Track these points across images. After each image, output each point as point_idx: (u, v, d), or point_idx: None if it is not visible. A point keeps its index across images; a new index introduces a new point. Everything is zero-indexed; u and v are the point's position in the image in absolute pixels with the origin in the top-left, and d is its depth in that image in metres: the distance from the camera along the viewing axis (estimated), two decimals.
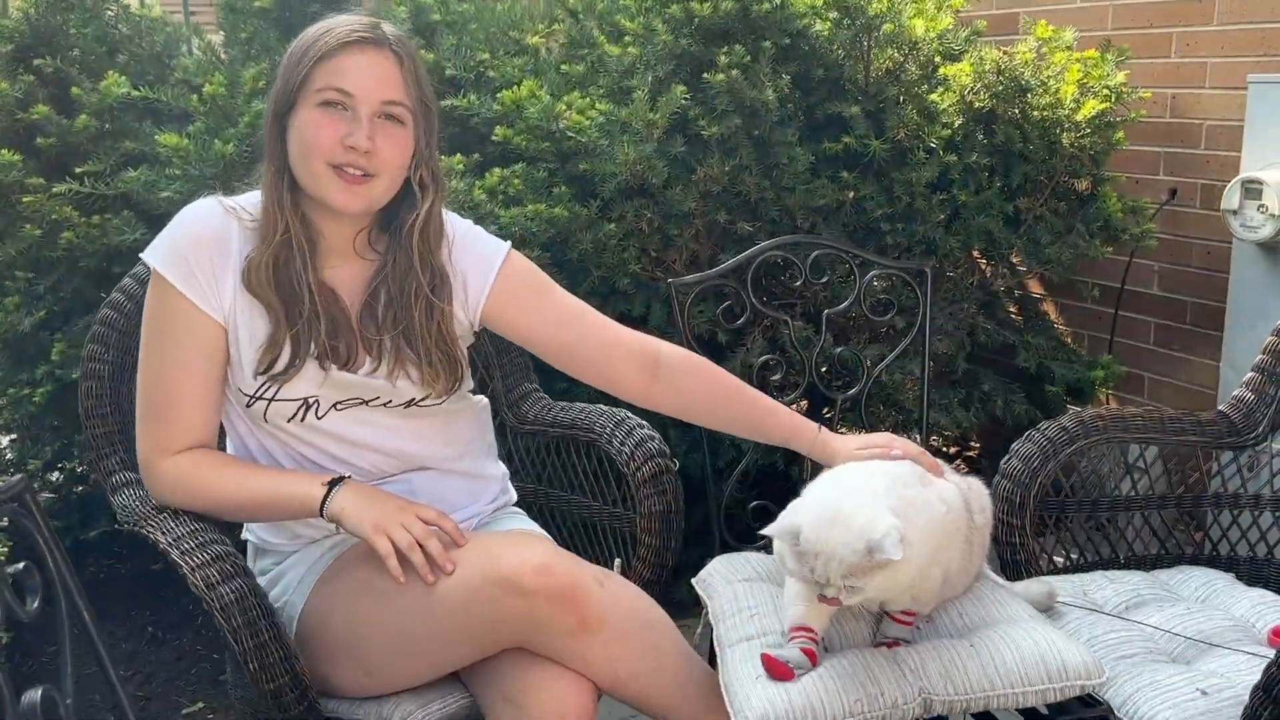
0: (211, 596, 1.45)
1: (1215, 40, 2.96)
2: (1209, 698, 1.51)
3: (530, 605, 1.44)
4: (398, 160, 1.51)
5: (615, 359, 1.66)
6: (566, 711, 1.45)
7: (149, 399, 1.56)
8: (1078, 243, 2.85)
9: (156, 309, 1.54)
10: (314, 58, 1.46)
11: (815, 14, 2.64)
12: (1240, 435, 2.00)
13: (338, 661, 1.54)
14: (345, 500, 1.52)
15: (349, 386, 1.58)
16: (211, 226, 1.54)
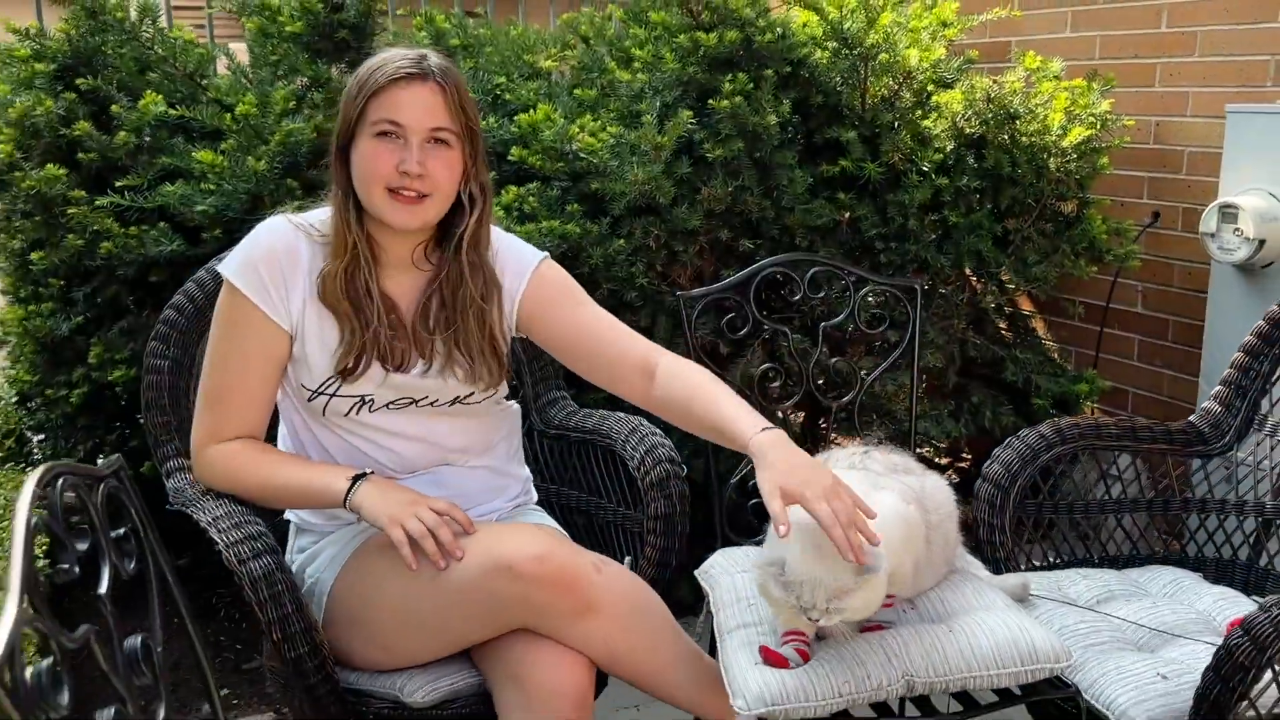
0: (242, 570, 1.58)
1: (1197, 71, 3.11)
2: (1168, 681, 1.64)
3: (527, 590, 1.58)
4: (448, 179, 1.65)
5: (622, 365, 1.77)
6: (565, 687, 1.58)
7: (210, 392, 1.71)
8: (1063, 262, 2.99)
9: (227, 314, 1.69)
10: (368, 94, 1.62)
11: (815, 44, 2.78)
12: (1208, 444, 2.14)
13: (358, 637, 1.68)
14: (366, 493, 1.66)
15: (403, 387, 1.72)
16: (283, 243, 1.69)
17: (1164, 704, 1.61)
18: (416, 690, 1.66)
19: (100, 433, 2.94)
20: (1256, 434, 2.11)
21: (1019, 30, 3.53)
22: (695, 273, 2.68)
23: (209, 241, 2.59)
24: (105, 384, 2.76)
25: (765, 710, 1.52)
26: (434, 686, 1.67)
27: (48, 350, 2.86)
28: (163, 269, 2.65)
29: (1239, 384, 2.14)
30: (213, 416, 1.71)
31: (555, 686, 1.59)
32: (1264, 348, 2.11)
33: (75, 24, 2.85)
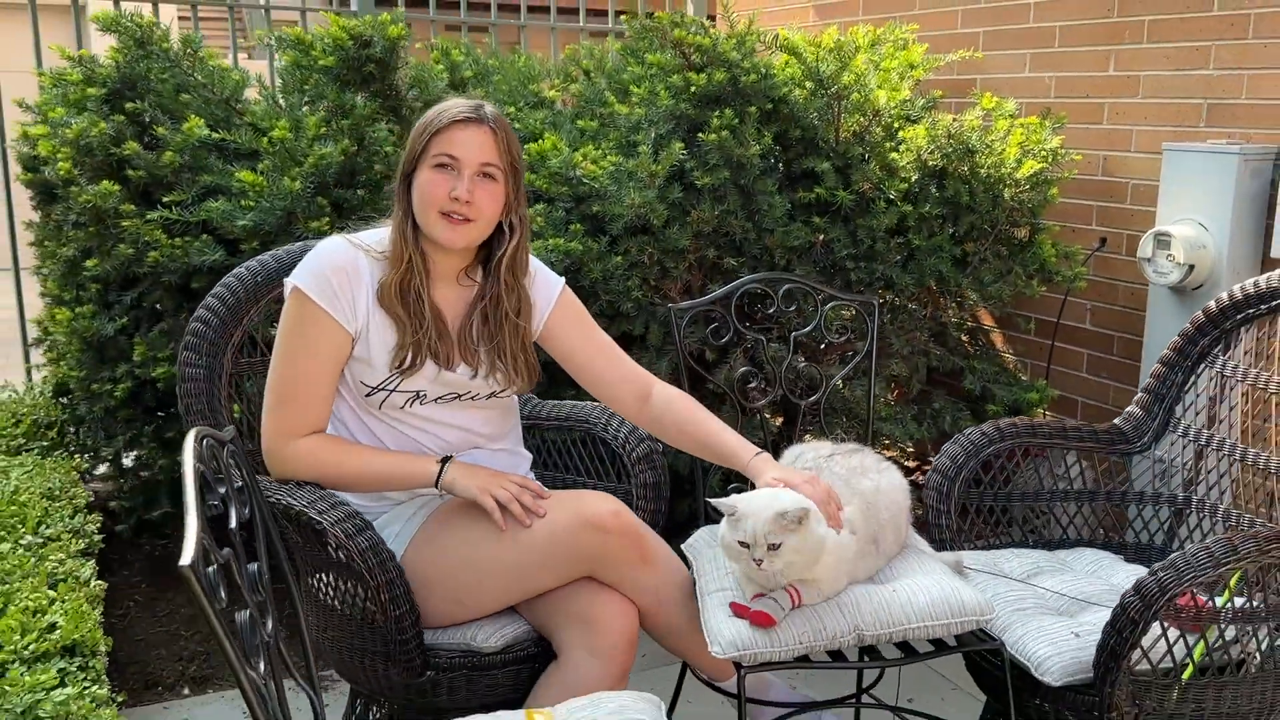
0: (351, 545, 1.83)
1: (1139, 111, 3.43)
2: (1081, 639, 1.94)
3: (605, 539, 1.90)
4: (491, 208, 1.94)
5: (622, 387, 2.11)
6: (624, 626, 1.91)
7: (280, 392, 1.97)
8: (1016, 282, 3.31)
9: (296, 321, 1.95)
10: (432, 131, 1.91)
11: (794, 84, 3.10)
12: (1130, 443, 2.45)
13: (433, 595, 1.95)
14: (455, 473, 1.97)
15: (450, 383, 2.01)
16: (347, 258, 1.97)
17: (1075, 657, 1.91)
18: (489, 638, 1.95)
19: (138, 425, 3.22)
20: (1171, 435, 2.42)
21: (982, 70, 3.85)
22: (684, 287, 2.98)
23: (247, 253, 2.87)
24: (147, 380, 3.05)
25: (736, 654, 1.82)
26: (501, 633, 1.96)
27: (93, 349, 3.13)
28: (203, 276, 2.93)
29: (1157, 391, 2.45)
30: (285, 414, 1.96)
31: (616, 625, 1.91)
32: (1178, 360, 2.42)
33: (124, 52, 3.14)
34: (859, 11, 4.40)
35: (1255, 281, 2.30)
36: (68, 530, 2.51)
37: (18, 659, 1.96)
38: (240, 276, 2.29)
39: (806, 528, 1.81)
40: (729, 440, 2.05)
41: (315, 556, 2.04)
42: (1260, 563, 1.79)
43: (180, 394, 2.18)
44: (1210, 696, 1.87)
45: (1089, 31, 3.54)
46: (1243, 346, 2.33)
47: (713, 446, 2.06)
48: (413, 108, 3.12)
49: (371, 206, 2.97)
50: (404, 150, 1.96)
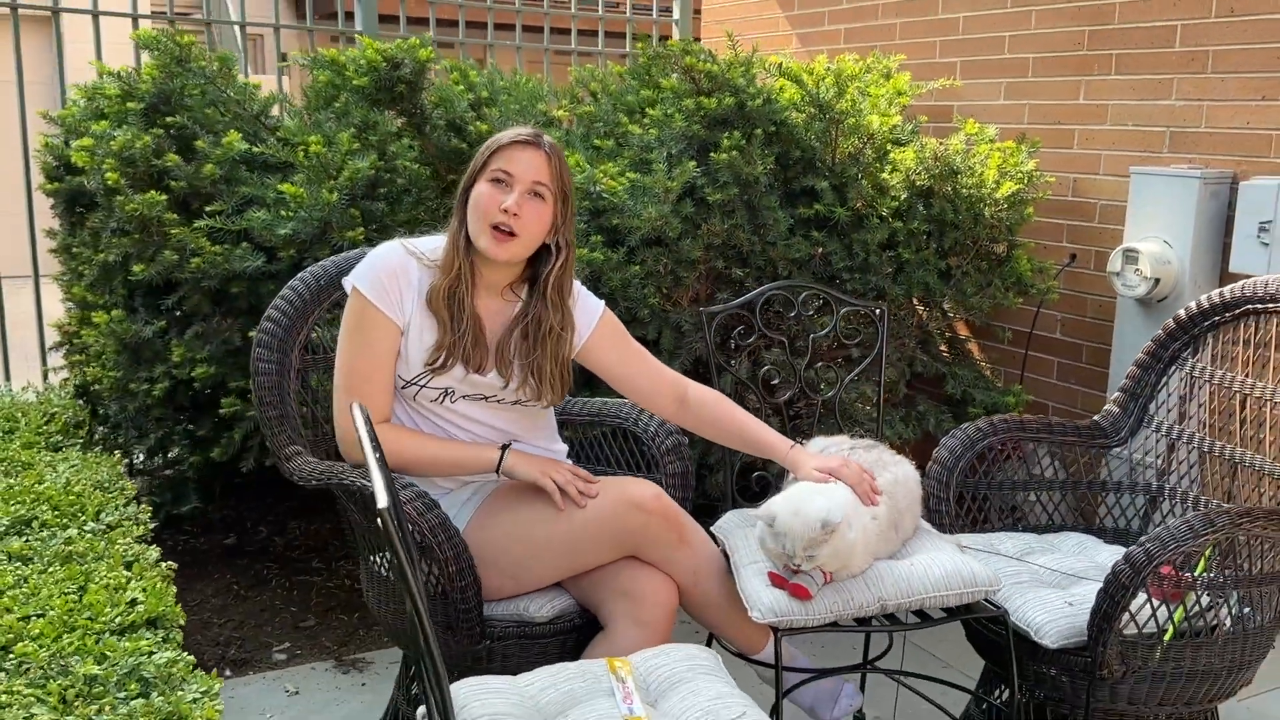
0: (422, 521, 2.01)
1: (1107, 137, 3.72)
2: (1074, 608, 2.18)
3: (648, 520, 2.11)
4: (537, 226, 2.12)
5: (659, 393, 2.31)
6: (665, 599, 2.11)
7: (347, 383, 2.15)
8: (995, 294, 3.58)
9: (357, 318, 2.15)
10: (492, 149, 2.12)
11: (795, 108, 3.34)
12: (1108, 438, 2.70)
13: (490, 570, 2.14)
14: (514, 460, 2.18)
15: (478, 385, 2.20)
16: (400, 261, 2.16)
17: (1069, 623, 2.15)
18: (540, 609, 2.15)
19: (169, 424, 3.38)
20: (1146, 430, 2.68)
21: (960, 97, 4.13)
22: (695, 295, 3.21)
23: (284, 260, 3.06)
24: (183, 380, 3.21)
25: (775, 620, 2.04)
26: (552, 604, 2.16)
27: (129, 350, 3.28)
28: (242, 281, 3.11)
29: (1133, 391, 2.71)
30: (353, 401, 2.15)
31: (659, 598, 2.12)
32: (1152, 363, 2.69)
33: (163, 68, 3.31)
34: (841, 40, 4.67)
35: (1220, 292, 2.56)
36: (126, 518, 2.66)
37: (108, 630, 2.12)
38: (305, 280, 2.47)
39: (839, 535, 2.03)
40: (767, 436, 2.28)
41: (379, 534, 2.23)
42: (1232, 535, 2.04)
43: (254, 387, 2.37)
44: (1188, 656, 2.12)
45: (1060, 63, 3.82)
46: (1209, 350, 2.59)
47: (752, 442, 2.28)
48: (436, 125, 3.31)
49: (391, 218, 3.16)
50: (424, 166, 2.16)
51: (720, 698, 1.64)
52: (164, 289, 3.23)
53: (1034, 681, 2.23)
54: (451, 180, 3.31)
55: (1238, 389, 2.51)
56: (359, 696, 2.80)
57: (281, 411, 2.38)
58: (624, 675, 1.70)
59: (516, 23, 5.18)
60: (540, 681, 1.70)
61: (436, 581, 2.07)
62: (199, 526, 3.77)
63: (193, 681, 2.01)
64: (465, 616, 2.07)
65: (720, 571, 2.22)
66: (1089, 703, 2.14)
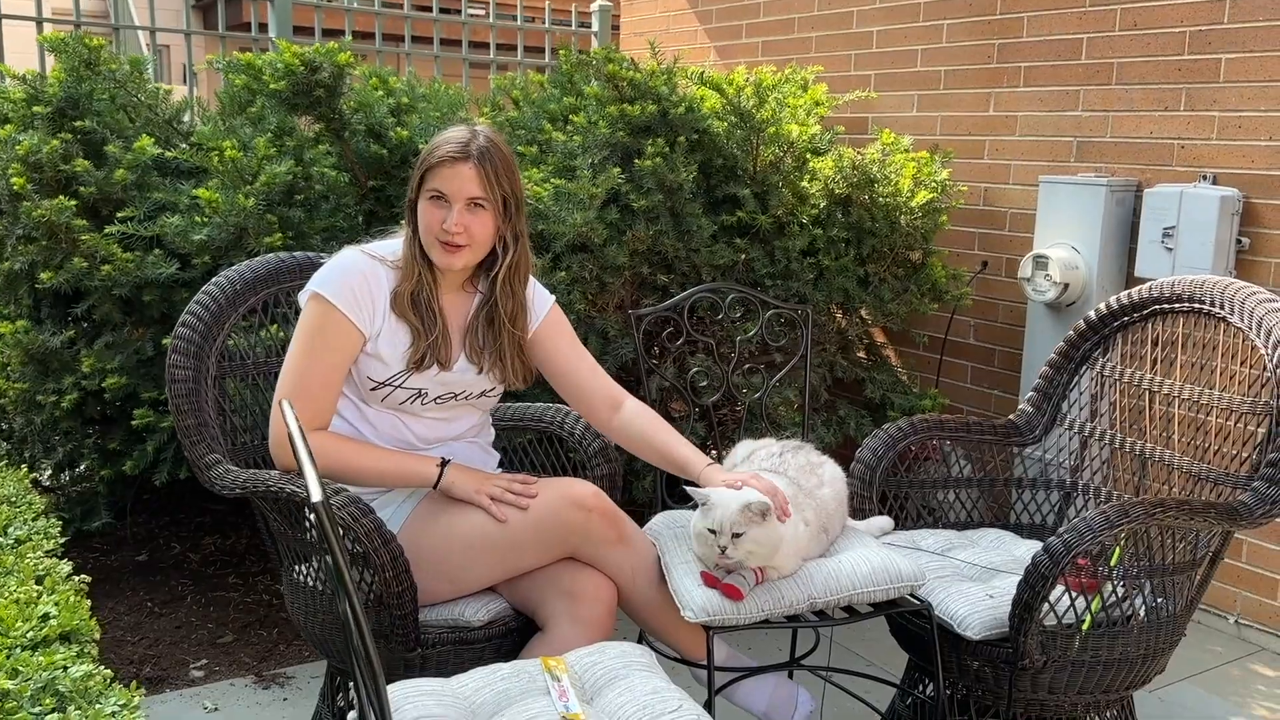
0: (358, 526, 1.97)
1: (1017, 147, 3.83)
2: (994, 599, 2.23)
3: (588, 519, 2.11)
4: (482, 234, 2.13)
5: (598, 395, 2.32)
6: (605, 598, 2.12)
7: (295, 387, 2.11)
8: (911, 300, 3.65)
9: (317, 323, 2.12)
10: (425, 167, 2.12)
11: (717, 117, 3.38)
12: (1023, 436, 2.78)
13: (425, 574, 2.11)
14: (453, 476, 2.17)
15: (448, 384, 2.21)
16: (368, 267, 2.15)
17: (991, 615, 2.20)
18: (476, 612, 2.13)
19: (78, 437, 3.28)
20: (1059, 429, 2.76)
21: (875, 109, 4.22)
22: (620, 301, 3.22)
23: (199, 267, 3.00)
24: (93, 392, 3.11)
25: (706, 619, 2.05)
26: (487, 608, 2.15)
27: (36, 361, 3.18)
28: (154, 289, 3.03)
29: (1045, 390, 2.79)
30: (301, 409, 2.09)
31: (599, 595, 2.12)
32: (1063, 363, 2.77)
33: (71, 71, 3.22)
34: (759, 53, 4.74)
35: (1129, 293, 2.65)
36: (35, 532, 2.57)
37: (20, 645, 2.05)
38: (220, 285, 2.43)
39: (769, 522, 2.05)
40: (684, 451, 2.26)
41: (303, 543, 2.19)
42: (1146, 525, 2.11)
43: (170, 395, 2.31)
44: (1105, 645, 2.18)
45: (971, 76, 3.93)
46: (1119, 350, 2.68)
47: (670, 457, 2.27)
48: (356, 131, 3.28)
49: (309, 224, 3.12)
50: (343, 172, 2.15)
51: (656, 692, 1.64)
52: (72, 298, 3.15)
53: (958, 674, 2.27)
54: (371, 187, 3.27)
55: (1146, 386, 2.60)
56: (281, 711, 2.74)
57: (199, 420, 2.32)
58: (559, 674, 1.69)
59: (434, 34, 5.16)
60: (474, 682, 1.69)
61: (370, 588, 2.04)
62: (110, 543, 3.66)
63: (111, 695, 1.95)
64: (400, 623, 2.05)
65: (657, 574, 2.22)
66: (1011, 693, 2.19)
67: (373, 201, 3.29)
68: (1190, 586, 2.28)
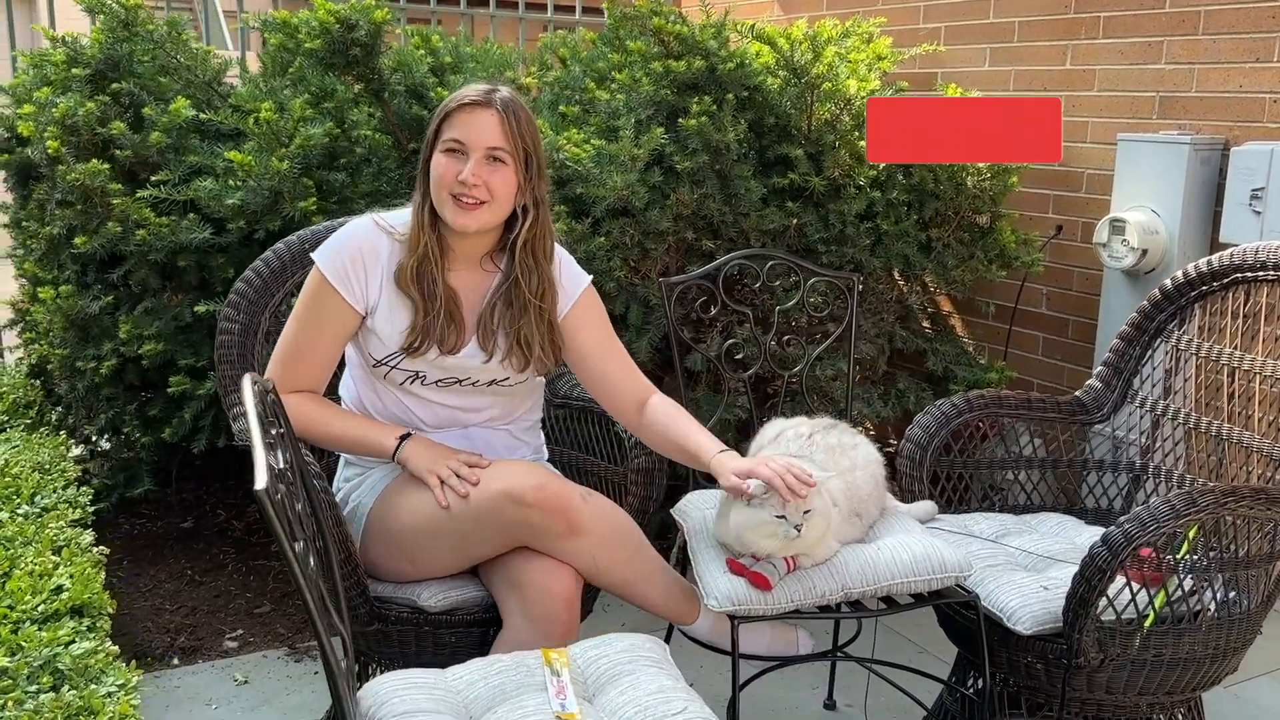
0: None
1: (1095, 103, 3.59)
2: (1049, 591, 2.07)
3: (528, 514, 1.94)
4: (503, 190, 1.98)
5: (626, 392, 2.15)
6: (556, 589, 1.96)
7: (284, 351, 2.05)
8: (977, 267, 3.45)
9: (311, 294, 2.03)
10: (442, 116, 1.98)
11: (769, 73, 3.20)
12: (1090, 414, 2.58)
13: (390, 552, 2.04)
14: (410, 450, 2.04)
15: (452, 368, 2.08)
16: (367, 240, 2.03)
17: (1044, 608, 2.03)
18: (431, 598, 2.03)
19: (120, 403, 3.25)
20: (1129, 406, 2.56)
21: (944, 64, 3.99)
22: (664, 268, 3.08)
23: (233, 231, 2.93)
24: (131, 358, 3.08)
25: (731, 608, 1.92)
26: (445, 595, 2.04)
27: (76, 327, 3.16)
28: (189, 254, 2.98)
29: (1116, 365, 2.59)
30: (284, 371, 2.05)
31: (548, 588, 1.96)
32: (1136, 335, 2.56)
33: (109, 33, 3.17)
34: (823, 7, 4.53)
35: (1208, 260, 2.44)
36: (63, 501, 2.54)
37: (28, 619, 2.01)
38: (289, 243, 2.39)
39: (822, 495, 1.93)
40: (698, 438, 2.07)
41: None
42: (1217, 515, 1.92)
43: (216, 345, 2.28)
44: (1169, 644, 2.01)
45: (1047, 27, 3.69)
46: (1196, 322, 2.47)
47: (685, 446, 2.08)
48: (395, 91, 3.18)
49: (352, 189, 3.03)
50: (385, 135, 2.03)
51: (661, 691, 1.52)
52: (112, 263, 3.11)
53: (1008, 669, 2.11)
54: (413, 150, 3.17)
55: (1226, 362, 2.39)
56: (309, 686, 2.69)
57: (239, 371, 2.27)
58: (559, 668, 1.58)
59: None
60: (469, 675, 1.59)
61: None
62: (158, 509, 3.65)
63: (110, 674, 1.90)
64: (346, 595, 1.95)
65: (631, 547, 2.05)
66: (1065, 691, 2.03)
67: (414, 165, 3.19)
68: (1268, 580, 2.09)
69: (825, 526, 1.96)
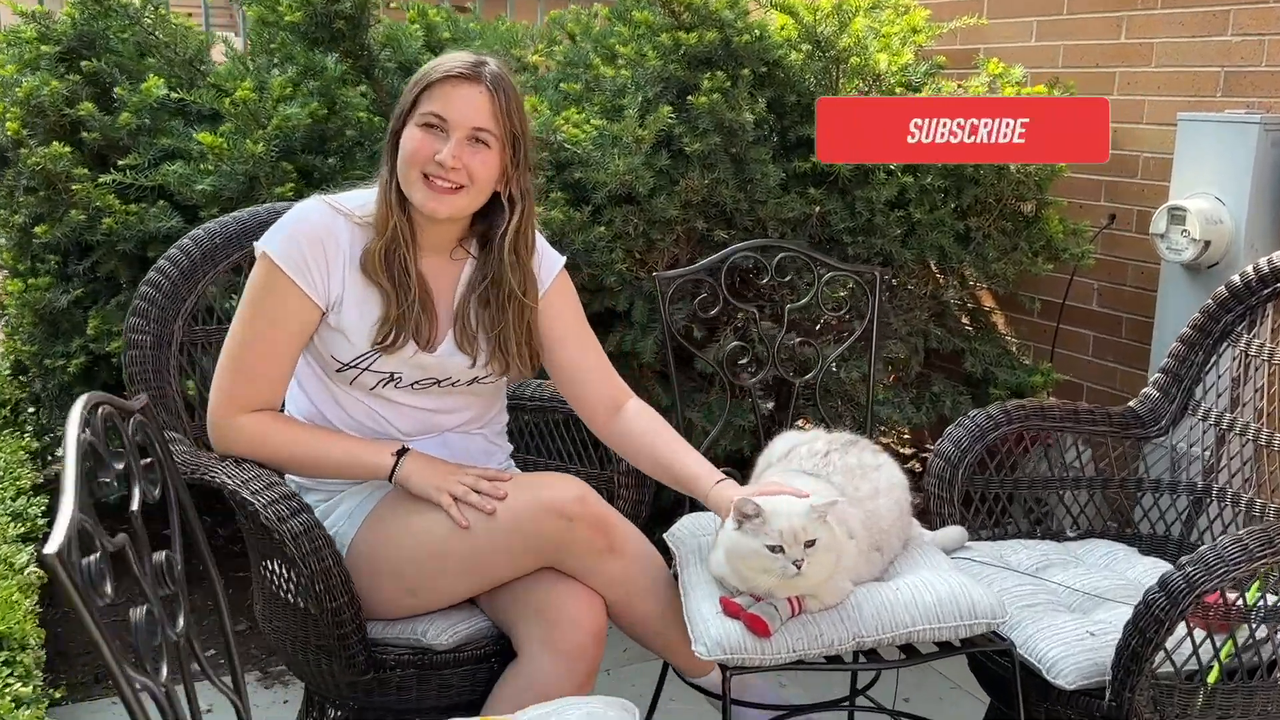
0: (283, 529, 1.67)
1: (1152, 80, 3.27)
2: (1096, 638, 1.79)
3: (570, 527, 1.73)
4: (484, 175, 1.74)
5: (598, 394, 1.92)
6: (586, 620, 1.74)
7: (235, 361, 1.79)
8: (1021, 260, 3.15)
9: (261, 289, 1.78)
10: (422, 86, 1.73)
11: (790, 46, 2.92)
12: (1145, 428, 2.29)
13: (383, 584, 1.79)
14: (411, 468, 1.80)
15: (429, 368, 1.83)
16: (326, 224, 1.78)
17: (1090, 658, 1.76)
18: (440, 634, 1.79)
19: None
20: (1190, 419, 2.26)
21: (986, 38, 3.68)
22: (671, 260, 2.81)
23: (206, 220, 2.70)
24: (102, 355, 2.87)
25: (722, 657, 1.66)
26: (455, 630, 1.80)
27: (46, 322, 2.96)
28: (161, 245, 2.74)
29: (1176, 372, 2.29)
30: (236, 382, 1.79)
31: (578, 619, 1.74)
32: (1199, 338, 2.27)
33: (81, 8, 2.96)
34: None
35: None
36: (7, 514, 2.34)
37: None
38: (196, 239, 2.14)
39: (829, 525, 1.67)
40: (691, 464, 1.84)
41: (261, 542, 1.88)
42: None
43: (124, 362, 2.04)
44: (1238, 702, 1.72)
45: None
46: (1269, 324, 2.17)
47: (674, 469, 1.85)
48: (386, 69, 2.95)
49: (344, 175, 2.80)
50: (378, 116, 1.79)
51: None
52: (81, 253, 2.90)
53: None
54: None
55: None
56: (277, 715, 2.47)
57: (157, 392, 2.03)
58: None
59: None
60: None
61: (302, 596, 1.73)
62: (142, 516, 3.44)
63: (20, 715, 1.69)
64: (341, 642, 1.73)
65: (661, 585, 1.84)
66: None
67: None
68: None
69: (834, 562, 1.69)
